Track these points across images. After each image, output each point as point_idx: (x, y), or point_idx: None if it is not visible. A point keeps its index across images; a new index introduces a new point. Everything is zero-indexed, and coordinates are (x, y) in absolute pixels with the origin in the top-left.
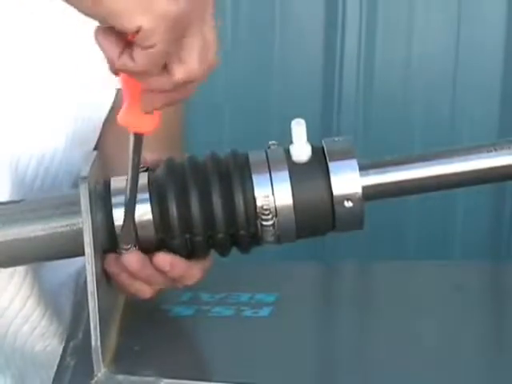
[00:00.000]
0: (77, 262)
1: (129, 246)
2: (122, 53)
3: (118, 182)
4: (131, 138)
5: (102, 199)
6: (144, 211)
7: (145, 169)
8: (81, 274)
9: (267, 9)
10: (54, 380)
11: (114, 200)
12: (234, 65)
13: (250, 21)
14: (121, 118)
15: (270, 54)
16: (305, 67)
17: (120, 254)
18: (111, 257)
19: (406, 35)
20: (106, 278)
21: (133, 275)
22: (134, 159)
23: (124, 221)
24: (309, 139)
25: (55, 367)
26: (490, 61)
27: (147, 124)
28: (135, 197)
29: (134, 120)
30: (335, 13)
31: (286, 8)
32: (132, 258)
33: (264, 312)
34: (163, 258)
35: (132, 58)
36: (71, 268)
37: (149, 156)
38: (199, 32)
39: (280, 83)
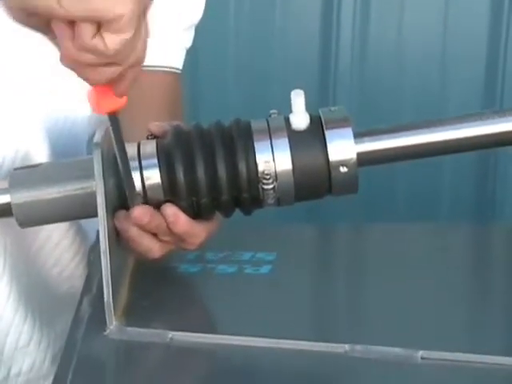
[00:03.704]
0: None
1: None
2: (94, 37)
3: (129, 149)
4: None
5: (114, 164)
6: (153, 175)
7: (153, 136)
8: None
9: None
10: (70, 330)
11: None
12: (237, 38)
13: None
14: (91, 104)
15: (271, 27)
16: (303, 40)
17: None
18: (121, 213)
19: (398, 6)
20: (117, 239)
21: (141, 228)
22: (115, 136)
23: (127, 188)
24: (307, 108)
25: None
26: (476, 29)
27: (115, 102)
28: (128, 169)
29: (102, 102)
30: None
31: None
32: (140, 210)
33: (264, 269)
34: (171, 209)
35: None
36: None
37: (157, 125)
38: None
39: (280, 55)
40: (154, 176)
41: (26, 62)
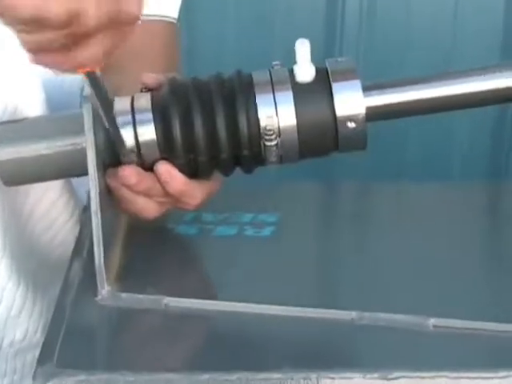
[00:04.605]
0: None
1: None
2: None
3: (122, 102)
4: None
5: None
6: (148, 131)
7: (147, 89)
8: None
9: None
10: (59, 296)
11: (117, 120)
12: None
13: None
14: None
15: None
16: None
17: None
18: (112, 170)
19: None
20: (109, 198)
21: (132, 189)
22: (97, 95)
23: (117, 145)
24: (312, 61)
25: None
26: None
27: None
28: (115, 126)
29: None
30: None
31: None
32: (128, 170)
33: (266, 232)
34: (164, 167)
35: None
36: None
37: (152, 76)
38: None
39: (284, 3)
40: (148, 132)
41: None
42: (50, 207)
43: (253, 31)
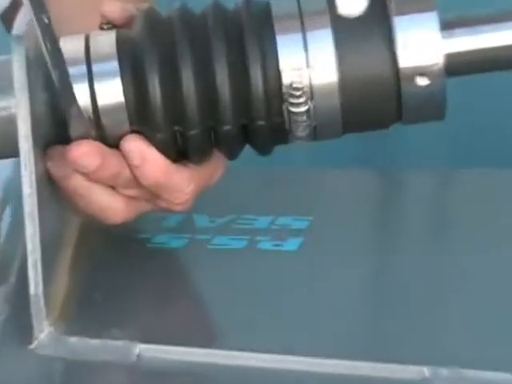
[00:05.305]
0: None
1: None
2: None
3: (69, 44)
4: None
5: (47, 70)
6: (111, 89)
7: (111, 26)
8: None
9: None
10: None
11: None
12: None
13: None
14: None
15: None
16: None
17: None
18: (57, 150)
19: None
20: (52, 192)
21: (89, 177)
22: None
23: (65, 105)
24: None
25: None
26: None
27: None
28: (68, 81)
29: None
30: None
31: None
32: (84, 148)
33: (291, 244)
34: (136, 144)
35: None
36: None
37: (117, 6)
38: None
39: None
40: (112, 90)
41: None
42: None
43: None
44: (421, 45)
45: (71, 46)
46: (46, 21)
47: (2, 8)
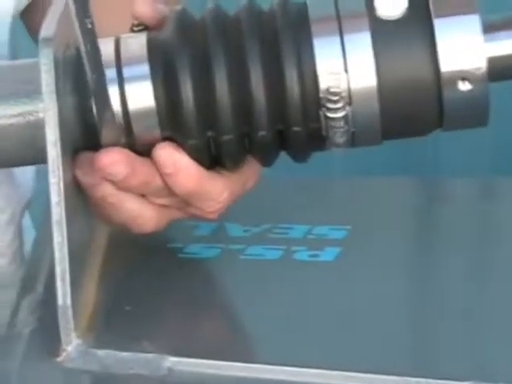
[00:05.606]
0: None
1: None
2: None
3: (101, 46)
4: None
5: (76, 74)
6: (142, 94)
7: (142, 27)
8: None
9: None
10: None
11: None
12: None
13: None
14: None
15: None
16: None
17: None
18: (86, 157)
19: None
20: (81, 200)
21: (119, 185)
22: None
23: (99, 111)
24: None
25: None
26: None
27: None
28: (103, 82)
29: None
30: None
31: None
32: (113, 158)
33: (328, 255)
34: (168, 152)
35: None
36: None
37: (148, 6)
38: None
39: None
40: (143, 95)
41: None
42: None
43: None
44: (463, 48)
45: (101, 49)
46: (89, 26)
47: (22, 6)
